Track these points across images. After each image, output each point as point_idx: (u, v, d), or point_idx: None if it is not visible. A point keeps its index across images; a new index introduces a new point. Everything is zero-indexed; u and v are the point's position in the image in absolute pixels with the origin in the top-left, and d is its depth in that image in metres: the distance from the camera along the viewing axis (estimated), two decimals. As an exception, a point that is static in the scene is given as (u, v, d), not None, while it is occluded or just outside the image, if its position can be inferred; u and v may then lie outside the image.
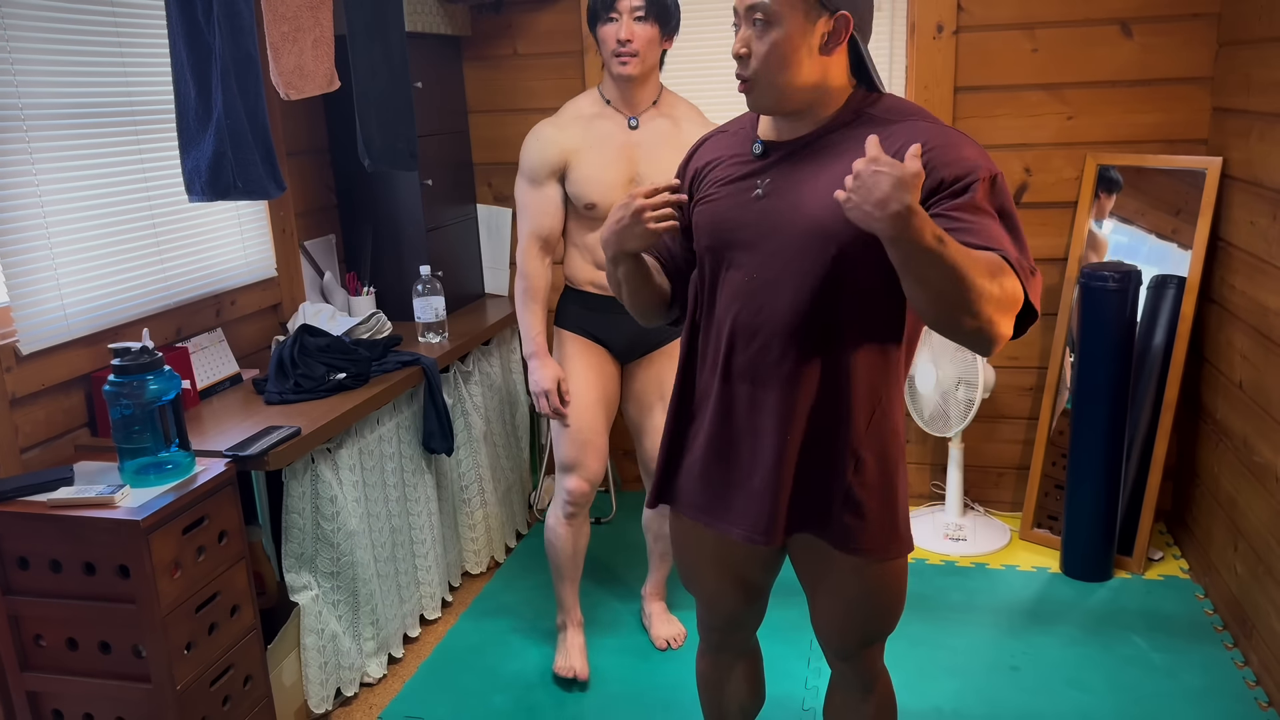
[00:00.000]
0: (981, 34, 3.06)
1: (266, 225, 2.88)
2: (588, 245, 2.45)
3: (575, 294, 2.51)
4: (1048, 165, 3.11)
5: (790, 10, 1.37)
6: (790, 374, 1.47)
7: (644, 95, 2.36)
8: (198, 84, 2.22)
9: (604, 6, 2.28)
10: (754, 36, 1.40)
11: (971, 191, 1.34)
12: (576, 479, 2.49)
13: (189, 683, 1.95)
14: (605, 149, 2.35)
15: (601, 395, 2.50)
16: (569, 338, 2.52)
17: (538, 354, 2.45)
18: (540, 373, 2.44)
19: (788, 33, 1.38)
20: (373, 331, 2.82)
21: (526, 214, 2.43)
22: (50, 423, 2.17)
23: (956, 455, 3.21)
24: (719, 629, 1.79)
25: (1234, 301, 2.70)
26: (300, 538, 2.33)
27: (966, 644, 2.66)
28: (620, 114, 2.37)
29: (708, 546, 1.68)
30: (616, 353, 2.52)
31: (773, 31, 1.38)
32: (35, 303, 2.13)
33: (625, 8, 2.25)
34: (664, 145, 2.36)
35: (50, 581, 1.93)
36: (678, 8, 2.32)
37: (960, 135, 1.41)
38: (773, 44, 1.39)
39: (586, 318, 2.49)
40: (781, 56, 1.39)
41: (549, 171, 2.38)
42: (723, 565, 1.69)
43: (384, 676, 2.63)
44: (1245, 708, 2.35)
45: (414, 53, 3.00)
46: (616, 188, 2.35)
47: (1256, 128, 2.58)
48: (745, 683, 1.87)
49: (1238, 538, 2.61)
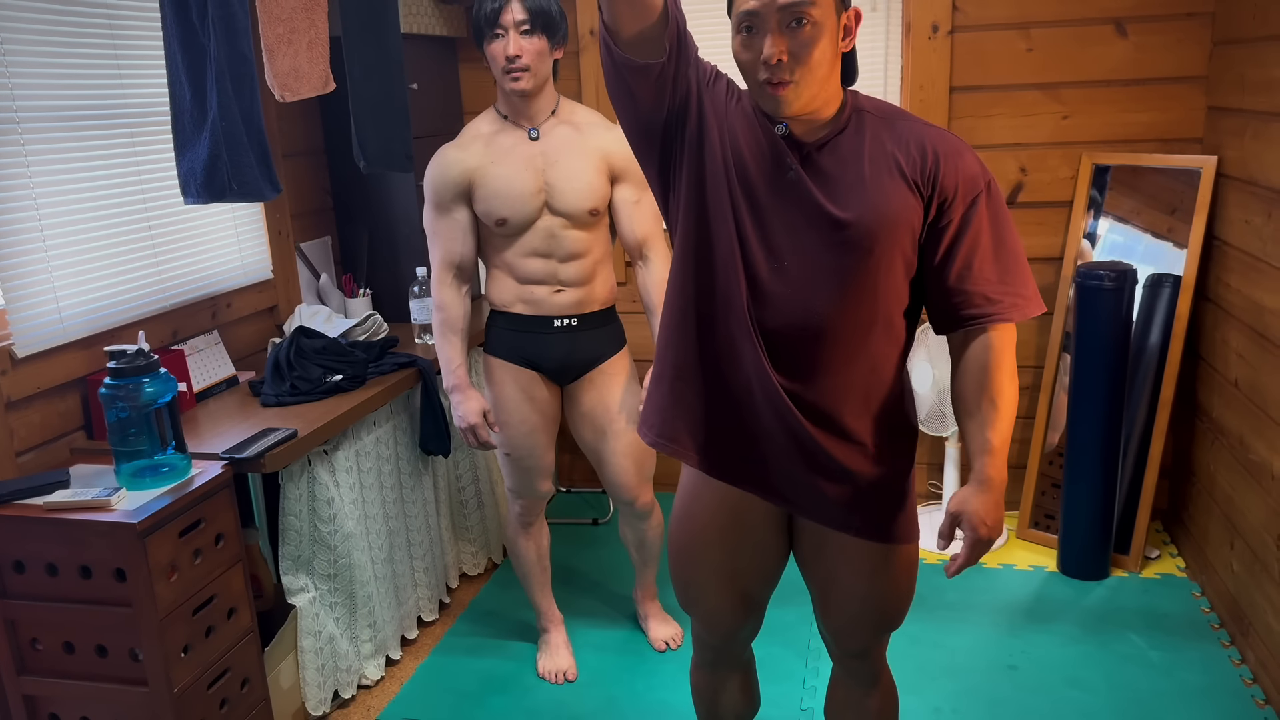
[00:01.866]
0: (976, 34, 3.07)
1: (262, 227, 2.88)
2: (508, 264, 2.35)
3: (502, 316, 2.40)
4: (1043, 165, 3.12)
5: (828, 8, 1.35)
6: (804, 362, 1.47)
7: (541, 106, 2.30)
8: (192, 86, 2.22)
9: (488, 23, 2.21)
10: (790, 38, 1.35)
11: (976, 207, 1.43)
12: (525, 500, 2.51)
13: (186, 686, 1.95)
14: (509, 162, 2.28)
15: (540, 420, 2.43)
16: (498, 365, 2.42)
17: (459, 386, 2.36)
18: (464, 406, 2.35)
19: (828, 30, 1.36)
20: (369, 333, 2.82)
21: (436, 242, 2.35)
22: (46, 426, 2.17)
23: (953, 455, 3.21)
24: (717, 646, 1.77)
25: (1229, 300, 2.70)
26: (297, 540, 2.33)
27: (964, 643, 2.66)
28: (519, 127, 2.31)
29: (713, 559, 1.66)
30: (551, 374, 2.42)
31: (816, 30, 1.35)
32: (30, 306, 2.13)
33: (510, 22, 2.18)
34: (568, 152, 2.29)
35: (46, 585, 1.92)
36: (564, 17, 2.26)
37: (959, 141, 1.45)
38: (816, 44, 1.35)
39: (516, 340, 2.39)
40: (824, 55, 1.37)
41: (454, 194, 2.30)
42: (726, 581, 1.67)
43: (381, 679, 2.62)
44: (1242, 705, 2.35)
45: (409, 54, 2.99)
46: (525, 199, 2.28)
47: (1251, 126, 2.59)
48: (741, 693, 1.86)
49: (1234, 536, 2.62)
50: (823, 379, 1.47)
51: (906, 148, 1.43)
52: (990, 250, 1.44)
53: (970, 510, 1.45)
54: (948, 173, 1.42)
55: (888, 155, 1.42)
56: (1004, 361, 1.46)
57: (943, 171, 1.42)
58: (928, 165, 1.42)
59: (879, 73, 3.20)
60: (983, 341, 1.47)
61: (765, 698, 2.45)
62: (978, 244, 1.43)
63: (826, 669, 2.56)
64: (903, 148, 1.43)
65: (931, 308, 1.50)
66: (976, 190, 1.43)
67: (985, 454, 1.45)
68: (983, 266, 1.43)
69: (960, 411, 1.50)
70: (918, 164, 1.42)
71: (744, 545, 1.65)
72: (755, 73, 1.38)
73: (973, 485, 1.46)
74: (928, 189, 1.43)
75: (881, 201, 1.41)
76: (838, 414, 1.49)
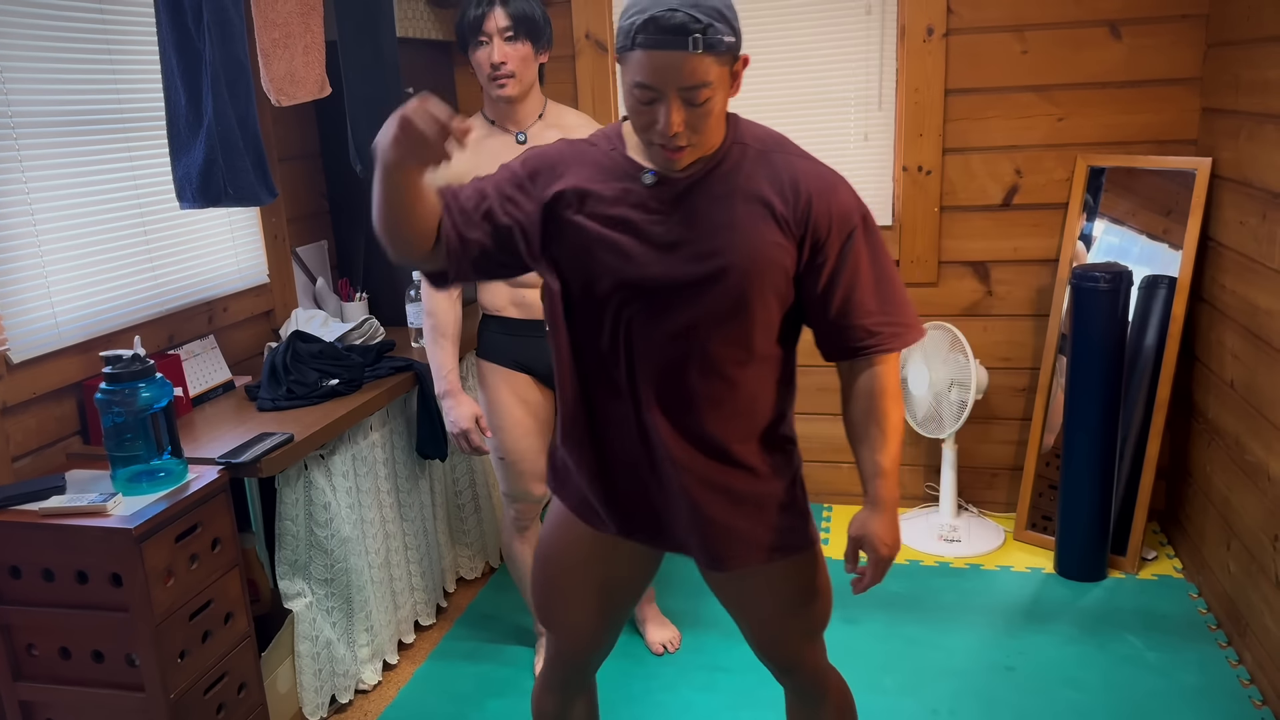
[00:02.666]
0: (971, 36, 3.07)
1: (258, 231, 2.88)
2: None
3: (494, 320, 2.40)
4: (1038, 167, 3.12)
5: (721, 73, 1.35)
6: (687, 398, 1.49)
7: (528, 111, 2.30)
8: (188, 91, 2.22)
9: (472, 31, 2.21)
10: (688, 111, 1.35)
11: (853, 242, 1.45)
12: (521, 505, 2.50)
13: (183, 691, 1.94)
14: (496, 166, 2.28)
15: (535, 423, 2.42)
16: (490, 369, 2.41)
17: (451, 392, 2.35)
18: (456, 412, 2.34)
19: (722, 91, 1.37)
20: (365, 337, 2.82)
21: None
22: (42, 431, 2.16)
23: (950, 456, 3.22)
24: (577, 665, 1.75)
25: (1224, 301, 2.71)
26: (294, 544, 2.33)
27: (962, 645, 2.66)
28: (507, 132, 2.31)
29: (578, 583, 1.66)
30: (544, 378, 2.42)
31: (712, 100, 1.35)
32: (26, 311, 2.12)
33: (494, 29, 2.18)
34: None
35: (42, 590, 1.92)
36: (548, 21, 2.26)
37: (833, 175, 1.47)
38: (714, 112, 1.37)
39: (509, 344, 2.38)
40: (719, 117, 1.39)
41: None
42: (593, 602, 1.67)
43: (379, 683, 2.62)
44: (1239, 706, 2.36)
45: (405, 58, 3.00)
46: None
47: (1245, 128, 2.60)
48: (586, 714, 1.86)
49: (1231, 536, 2.62)
50: (707, 413, 1.49)
51: (780, 187, 1.44)
52: (870, 283, 1.47)
53: (870, 533, 1.52)
54: (820, 212, 1.43)
55: (760, 196, 1.43)
56: (889, 388, 1.51)
57: (815, 211, 1.43)
58: (800, 206, 1.43)
59: (874, 76, 3.21)
60: (869, 372, 1.51)
61: (763, 700, 2.45)
62: (856, 278, 1.46)
63: (824, 671, 2.56)
64: (776, 187, 1.44)
65: (816, 337, 1.53)
66: (851, 226, 1.45)
67: (877, 477, 1.51)
68: (863, 299, 1.47)
69: (852, 437, 1.55)
70: (790, 204, 1.44)
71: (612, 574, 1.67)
72: (650, 136, 1.38)
73: (868, 509, 1.53)
74: (799, 229, 1.44)
75: (752, 245, 1.42)
76: (725, 444, 1.51)
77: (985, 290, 3.26)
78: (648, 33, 1.29)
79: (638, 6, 1.31)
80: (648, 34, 1.29)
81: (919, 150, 3.17)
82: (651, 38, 1.29)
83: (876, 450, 1.51)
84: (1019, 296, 3.23)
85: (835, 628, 2.76)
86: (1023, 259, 3.20)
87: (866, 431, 1.52)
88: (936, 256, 3.24)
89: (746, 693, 2.50)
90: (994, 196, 3.18)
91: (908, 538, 3.25)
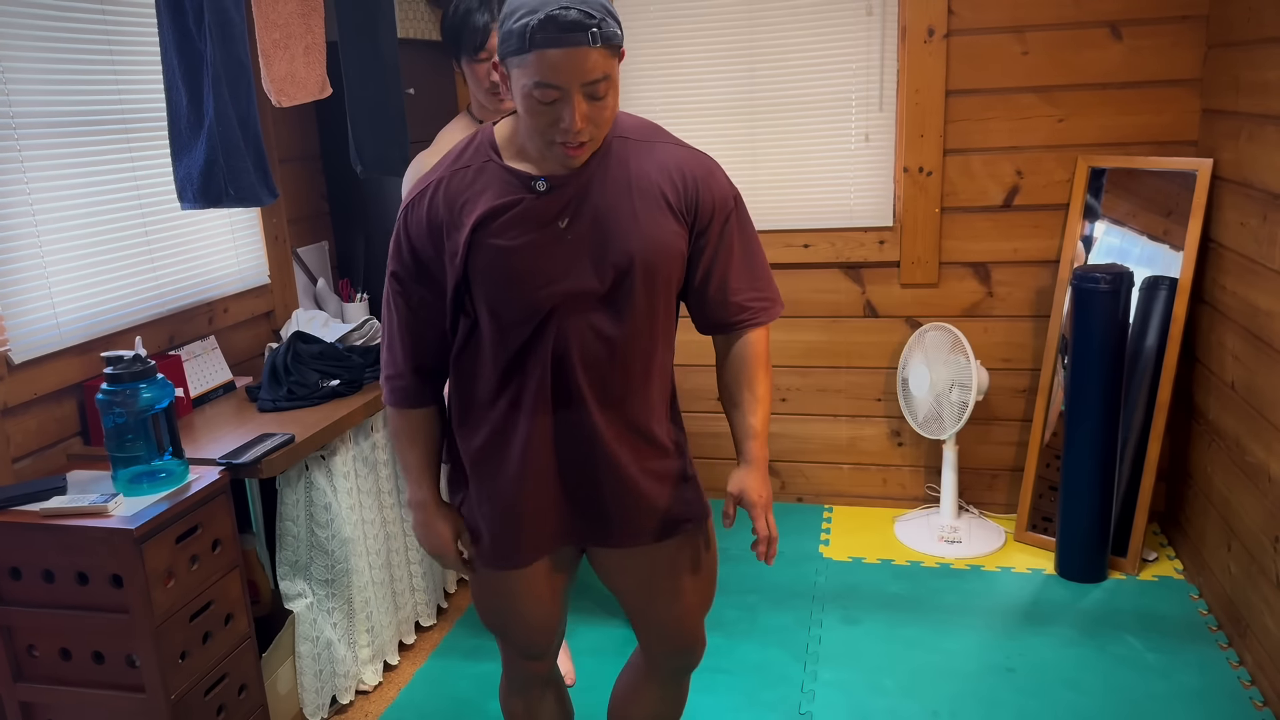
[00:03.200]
0: (972, 37, 3.08)
1: (259, 232, 2.88)
2: None
3: None
4: (1039, 168, 3.12)
5: (614, 66, 1.37)
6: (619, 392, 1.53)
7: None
8: (189, 91, 2.22)
9: (472, 47, 2.16)
10: (591, 107, 1.36)
11: (729, 223, 1.55)
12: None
13: (183, 692, 1.94)
14: None
15: None
16: None
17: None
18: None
19: (617, 88, 1.40)
20: (366, 338, 2.81)
21: None
22: (42, 432, 2.17)
23: (951, 458, 3.21)
24: (536, 657, 1.76)
25: (1225, 302, 2.71)
26: (294, 545, 2.33)
27: (962, 646, 2.66)
28: None
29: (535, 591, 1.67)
30: None
31: (611, 93, 1.38)
32: (27, 311, 2.12)
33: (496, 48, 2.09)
34: None
35: (43, 591, 1.92)
36: None
37: (709, 161, 1.55)
38: (611, 105, 1.39)
39: None
40: (614, 111, 1.42)
41: None
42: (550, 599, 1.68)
43: (379, 684, 2.62)
44: (1240, 707, 2.36)
45: (405, 59, 3.00)
46: None
47: (1246, 129, 2.60)
48: (558, 704, 1.88)
49: (1231, 538, 2.62)
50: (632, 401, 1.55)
51: (670, 176, 1.49)
52: (742, 261, 1.57)
53: (747, 488, 1.60)
54: (705, 197, 1.51)
55: (655, 188, 1.48)
56: (760, 356, 1.60)
57: (701, 197, 1.51)
58: (689, 192, 1.50)
59: (875, 77, 3.21)
60: (742, 341, 1.60)
61: (764, 702, 2.45)
62: (731, 258, 1.56)
63: (826, 673, 2.56)
64: (665, 177, 1.49)
65: (693, 312, 1.61)
66: (729, 209, 1.54)
67: (751, 438, 1.60)
68: (738, 278, 1.57)
69: (726, 402, 1.64)
70: (680, 192, 1.49)
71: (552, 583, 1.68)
72: (550, 136, 1.38)
73: (744, 467, 1.60)
74: (690, 215, 1.51)
75: (656, 239, 1.47)
76: (649, 428, 1.57)
77: (986, 291, 3.26)
78: (547, 31, 1.30)
79: (526, 8, 1.32)
80: (547, 32, 1.30)
81: (920, 151, 3.17)
82: (552, 35, 1.30)
83: (749, 413, 1.60)
84: (1020, 297, 3.23)
85: (836, 628, 2.76)
86: (1023, 260, 3.20)
87: (740, 396, 1.61)
88: (937, 257, 3.25)
89: (746, 693, 2.50)
90: (995, 197, 3.18)
91: (909, 538, 3.25)
